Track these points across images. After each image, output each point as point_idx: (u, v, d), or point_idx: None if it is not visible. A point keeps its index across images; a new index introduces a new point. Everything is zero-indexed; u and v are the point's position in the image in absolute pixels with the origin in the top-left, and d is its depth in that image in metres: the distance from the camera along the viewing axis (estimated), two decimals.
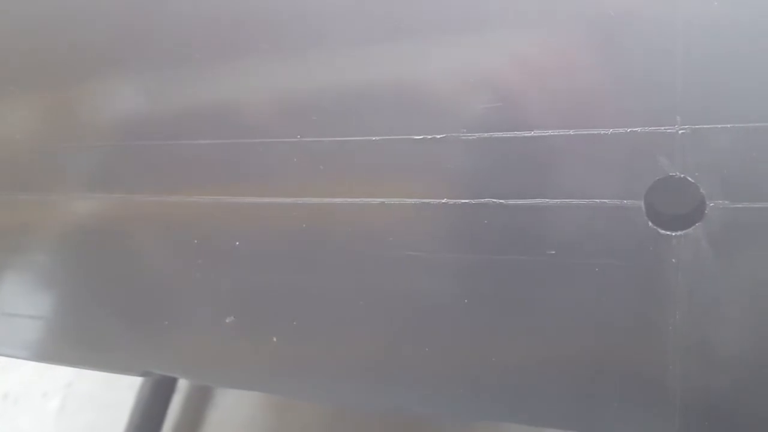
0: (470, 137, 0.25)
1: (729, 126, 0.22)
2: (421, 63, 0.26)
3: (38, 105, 0.34)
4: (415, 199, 0.27)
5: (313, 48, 0.27)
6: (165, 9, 0.30)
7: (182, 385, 1.13)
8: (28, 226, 0.34)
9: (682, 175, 0.23)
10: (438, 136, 0.25)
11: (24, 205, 0.34)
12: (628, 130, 0.23)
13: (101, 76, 0.32)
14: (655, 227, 0.24)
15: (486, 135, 0.25)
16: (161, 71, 0.31)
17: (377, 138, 0.26)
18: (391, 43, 0.26)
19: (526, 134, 0.24)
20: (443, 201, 0.26)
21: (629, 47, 0.23)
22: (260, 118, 0.29)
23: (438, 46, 0.25)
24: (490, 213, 0.25)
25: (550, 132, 0.24)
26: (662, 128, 0.23)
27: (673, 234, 0.24)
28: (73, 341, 0.35)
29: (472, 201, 0.26)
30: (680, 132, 0.23)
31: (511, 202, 0.25)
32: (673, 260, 0.24)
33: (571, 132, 0.24)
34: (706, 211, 0.23)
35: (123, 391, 1.03)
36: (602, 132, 0.23)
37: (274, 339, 0.31)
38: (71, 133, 0.32)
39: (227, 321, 0.31)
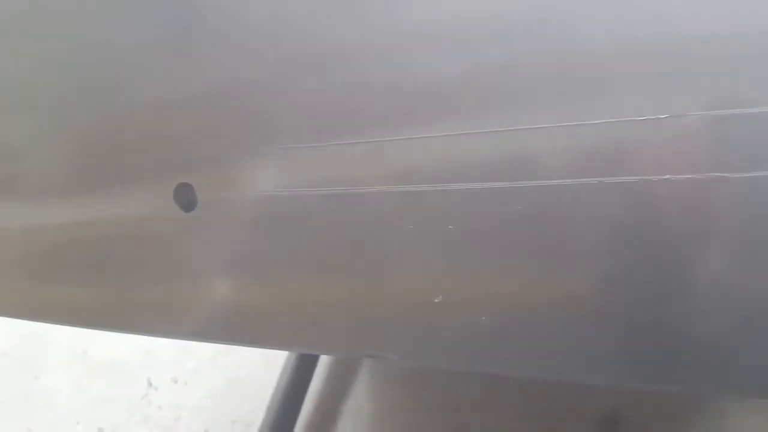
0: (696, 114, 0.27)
1: None
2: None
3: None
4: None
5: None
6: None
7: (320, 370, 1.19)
8: None
9: None
10: (661, 116, 0.28)
11: None
12: None
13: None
14: None
15: (713, 112, 0.27)
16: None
17: None
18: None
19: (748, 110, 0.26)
20: (665, 177, 0.28)
21: None
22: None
23: None
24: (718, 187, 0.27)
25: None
26: None
27: None
28: (280, 321, 0.38)
29: (699, 176, 0.28)
30: None
31: (736, 175, 0.27)
32: None
33: None
34: None
35: None
36: None
37: (483, 318, 0.33)
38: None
39: (436, 301, 0.34)
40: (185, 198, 0.40)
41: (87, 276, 0.48)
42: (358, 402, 1.20)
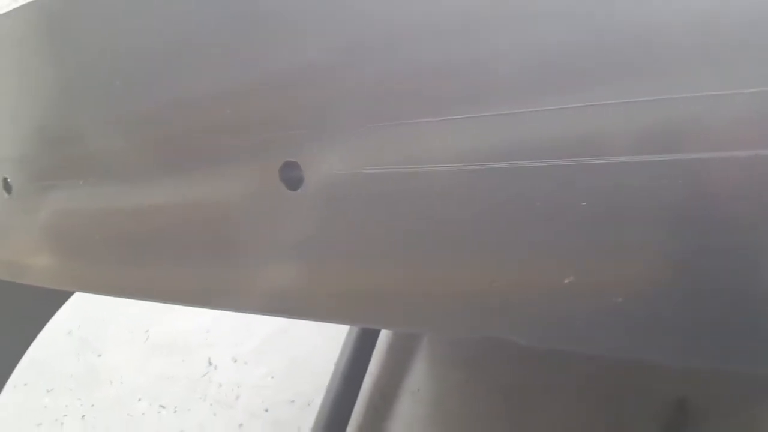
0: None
1: None
2: None
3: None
4: None
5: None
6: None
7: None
8: None
9: None
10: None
11: None
12: None
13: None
14: None
15: None
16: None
17: None
18: None
19: None
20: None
21: None
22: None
23: None
24: None
25: None
26: None
27: None
28: (394, 299, 0.37)
29: None
30: None
31: None
32: None
33: None
34: None
35: None
36: None
37: (620, 300, 0.31)
38: None
39: (566, 282, 0.32)
40: (291, 176, 0.40)
41: (185, 254, 0.48)
42: (417, 382, 1.20)
